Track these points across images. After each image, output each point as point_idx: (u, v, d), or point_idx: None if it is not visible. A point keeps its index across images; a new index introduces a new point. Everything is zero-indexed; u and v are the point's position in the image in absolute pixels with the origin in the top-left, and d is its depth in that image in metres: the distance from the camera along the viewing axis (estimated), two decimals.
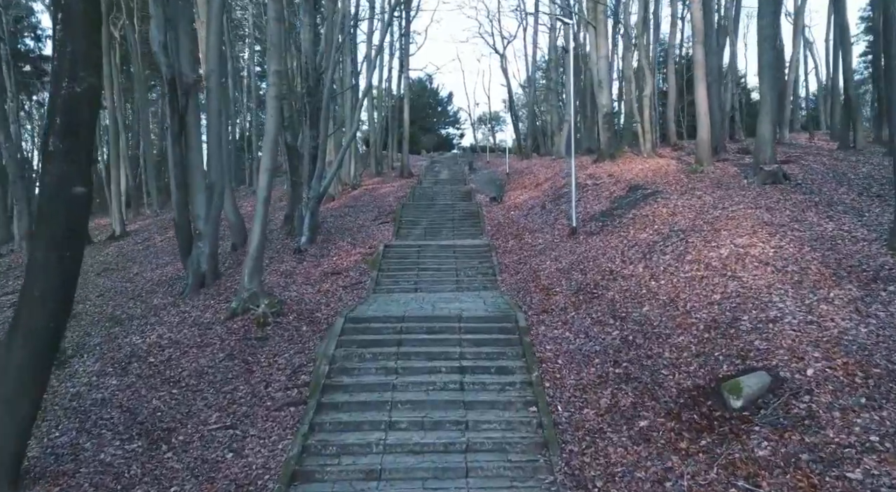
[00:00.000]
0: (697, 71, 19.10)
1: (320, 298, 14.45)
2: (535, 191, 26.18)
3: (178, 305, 14.00)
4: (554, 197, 22.80)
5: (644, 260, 13.09)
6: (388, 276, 16.12)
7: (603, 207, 18.45)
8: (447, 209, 24.65)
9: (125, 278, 18.53)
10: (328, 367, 9.79)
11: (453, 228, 21.97)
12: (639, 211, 16.29)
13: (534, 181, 29.55)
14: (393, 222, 22.87)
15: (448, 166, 44.78)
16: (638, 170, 21.94)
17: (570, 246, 16.31)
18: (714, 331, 9.51)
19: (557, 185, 24.87)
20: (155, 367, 10.63)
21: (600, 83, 28.07)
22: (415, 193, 29.86)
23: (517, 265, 16.55)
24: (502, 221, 22.41)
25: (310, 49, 21.29)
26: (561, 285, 13.86)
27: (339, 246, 19.45)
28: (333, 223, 23.59)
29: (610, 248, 14.69)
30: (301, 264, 17.10)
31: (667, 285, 11.62)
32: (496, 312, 12.00)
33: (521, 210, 23.32)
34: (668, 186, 17.77)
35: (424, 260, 17.17)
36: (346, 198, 30.39)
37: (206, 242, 14.90)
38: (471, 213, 23.98)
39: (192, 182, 14.84)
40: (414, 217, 23.59)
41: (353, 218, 24.69)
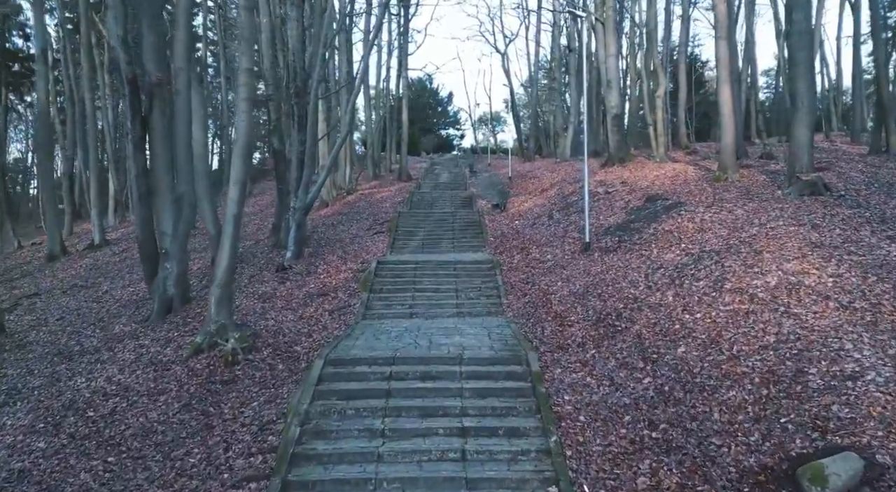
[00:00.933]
0: (721, 70, 17.20)
1: (302, 326, 12.55)
2: (541, 197, 24.28)
3: (138, 336, 12.11)
4: (562, 205, 20.90)
5: (673, 286, 11.20)
6: (380, 298, 14.24)
7: (618, 219, 16.55)
8: (447, 218, 22.77)
9: (92, 297, 16.65)
10: (300, 428, 7.92)
11: (453, 240, 20.08)
12: (660, 225, 14.39)
13: (538, 186, 27.65)
14: (388, 233, 20.98)
15: (448, 168, 42.89)
16: (653, 177, 20.04)
17: (584, 264, 14.42)
18: (774, 386, 7.63)
19: (565, 191, 22.98)
20: (94, 423, 8.74)
21: (609, 83, 26.19)
22: (413, 199, 27.97)
23: (524, 285, 14.66)
24: (506, 231, 20.51)
25: (298, 46, 19.40)
26: (576, 313, 11.97)
27: (327, 261, 17.56)
28: (324, 233, 21.70)
29: (631, 269, 12.79)
30: (284, 285, 15.20)
31: (704, 320, 9.74)
32: (503, 351, 10.11)
33: (527, 219, 21.42)
34: (690, 197, 15.87)
35: (421, 279, 15.29)
36: (340, 204, 28.50)
37: (173, 262, 13.02)
38: (472, 222, 22.10)
39: (158, 194, 12.95)
40: (411, 227, 21.70)
41: (346, 227, 22.80)
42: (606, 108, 26.49)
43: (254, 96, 11.30)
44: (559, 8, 36.91)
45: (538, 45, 41.92)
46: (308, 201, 17.59)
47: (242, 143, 11.11)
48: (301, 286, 15.16)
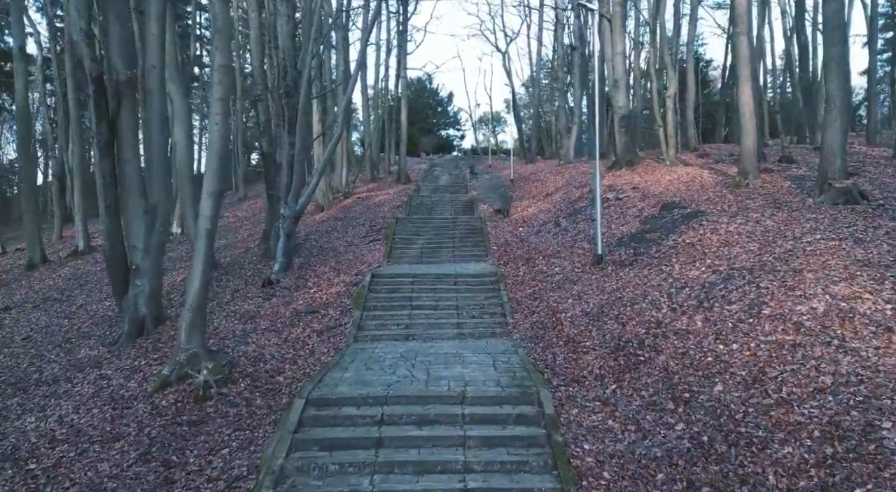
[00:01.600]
0: (741, 67, 15.85)
1: (286, 351, 11.22)
2: (546, 202, 22.94)
3: (102, 363, 10.77)
4: (569, 212, 19.56)
5: (701, 309, 9.87)
6: (374, 317, 12.91)
7: (632, 228, 15.21)
8: (447, 225, 21.42)
9: (65, 312, 15.33)
10: (272, 491, 6.58)
11: (453, 249, 18.74)
12: (680, 237, 13.05)
13: (542, 190, 26.32)
14: (385, 241, 19.65)
15: (448, 170, 41.56)
16: (666, 181, 18.70)
17: (597, 280, 13.08)
18: (840, 443, 6.30)
19: (571, 196, 21.64)
20: (33, 479, 7.41)
21: (616, 82, 24.84)
22: (411, 203, 26.64)
23: (531, 302, 13.33)
24: (510, 239, 19.18)
25: (288, 43, 18.06)
26: (591, 337, 10.64)
27: (319, 273, 16.22)
28: (317, 241, 20.36)
29: (651, 287, 11.45)
30: (269, 301, 13.86)
31: (742, 352, 8.41)
32: (512, 386, 8.77)
33: (531, 226, 20.08)
34: (710, 205, 14.53)
35: (419, 294, 13.95)
36: (336, 208, 27.17)
37: (145, 279, 11.69)
38: (473, 229, 20.75)
39: (128, 204, 11.61)
40: (409, 234, 20.37)
41: (341, 234, 21.46)
42: (613, 109, 25.14)
43: (230, 96, 9.94)
44: (562, 4, 35.57)
45: (540, 44, 40.59)
46: (298, 209, 16.26)
47: (216, 149, 9.77)
48: (288, 303, 13.82)
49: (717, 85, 57.42)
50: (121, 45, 11.30)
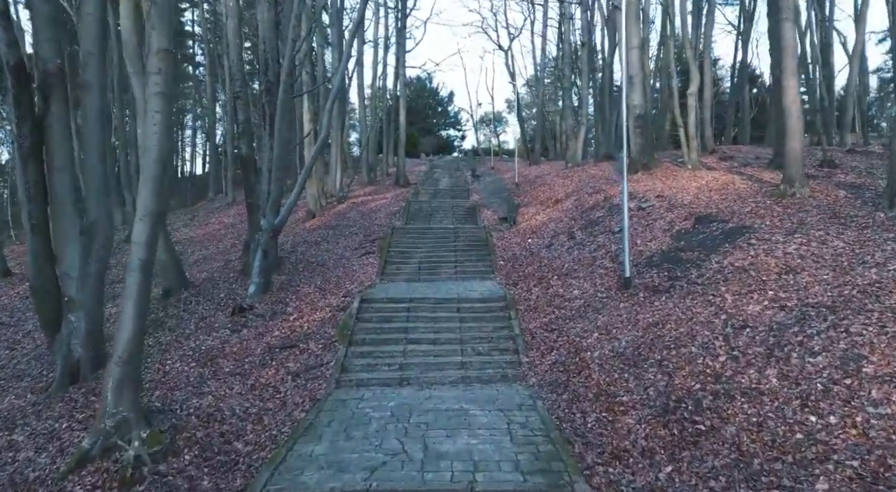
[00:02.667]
0: (787, 59, 13.58)
1: (251, 403, 8.98)
2: (556, 210, 20.70)
3: (15, 425, 8.50)
4: (584, 222, 17.30)
5: (774, 360, 7.61)
6: (361, 353, 10.67)
7: (662, 245, 12.96)
8: (448, 235, 19.17)
9: (8, 341, 13.09)
10: None
11: (455, 264, 16.49)
12: (726, 259, 10.80)
13: (550, 195, 24.06)
14: (380, 253, 17.42)
15: (449, 172, 39.35)
16: (694, 189, 16.44)
17: (627, 309, 10.84)
18: None
19: (584, 204, 19.39)
20: None
21: (631, 79, 22.55)
22: (410, 209, 24.41)
23: (548, 334, 11.10)
24: (518, 253, 16.94)
25: (269, 33, 15.83)
26: (628, 389, 8.40)
27: (301, 294, 13.98)
28: (304, 254, 18.11)
29: (698, 324, 9.20)
30: (239, 333, 11.62)
31: (846, 429, 6.16)
32: (535, 472, 6.53)
33: (541, 238, 17.83)
34: (757, 219, 12.27)
35: (416, 324, 11.72)
36: (329, 215, 24.92)
37: (81, 313, 9.45)
38: (477, 240, 18.50)
39: (59, 222, 9.35)
40: (407, 246, 18.13)
41: (332, 245, 19.22)
42: (628, 108, 22.84)
43: (173, 91, 7.67)
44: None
45: (545, 41, 38.28)
46: (277, 223, 14.02)
47: (155, 156, 7.52)
48: (262, 335, 11.56)
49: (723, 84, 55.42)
50: (49, 26, 9.05)
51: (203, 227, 26.13)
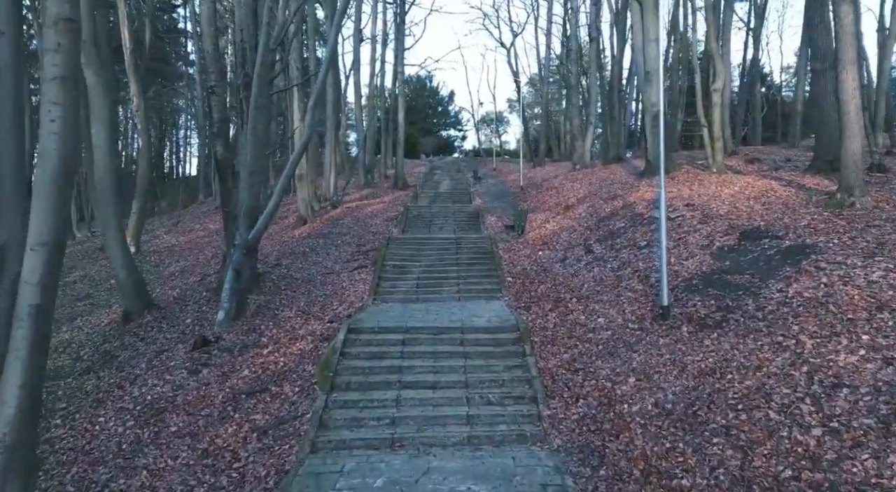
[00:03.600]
0: (844, 48, 11.49)
1: (197, 482, 6.89)
2: (567, 218, 18.62)
3: None
4: (602, 233, 15.23)
5: (892, 439, 5.54)
6: (345, 402, 8.59)
7: (702, 265, 10.88)
8: (449, 246, 17.07)
9: None
10: None
11: (458, 281, 14.40)
12: (792, 286, 8.71)
13: (559, 200, 22.00)
14: (373, 267, 15.35)
15: (449, 174, 37.27)
16: (727, 196, 14.36)
17: (668, 347, 8.76)
18: None
19: (600, 211, 17.31)
20: None
21: (648, 75, 20.52)
22: (408, 215, 22.31)
23: (572, 376, 9.03)
24: (528, 267, 14.86)
25: (248, 20, 13.79)
26: (686, 466, 6.33)
27: (280, 320, 11.91)
28: (289, 268, 16.02)
29: (769, 375, 7.11)
30: (198, 375, 9.53)
31: None
32: None
33: (554, 250, 15.76)
34: (818, 235, 10.18)
35: (412, 362, 9.65)
36: (321, 221, 22.83)
37: None
38: (482, 252, 16.41)
39: None
40: (403, 258, 16.05)
41: (321, 257, 17.14)
42: (644, 106, 20.79)
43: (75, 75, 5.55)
44: None
45: (549, 36, 36.14)
46: (251, 238, 11.94)
47: (52, 168, 5.46)
48: (226, 375, 9.48)
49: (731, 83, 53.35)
50: None
51: (186, 233, 24.06)
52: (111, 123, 12.15)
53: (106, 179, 12.05)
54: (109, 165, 12.11)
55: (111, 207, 12.07)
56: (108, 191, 12.11)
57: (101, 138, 11.96)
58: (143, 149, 19.19)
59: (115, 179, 12.52)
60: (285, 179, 12.26)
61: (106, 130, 12.01)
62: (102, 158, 12.00)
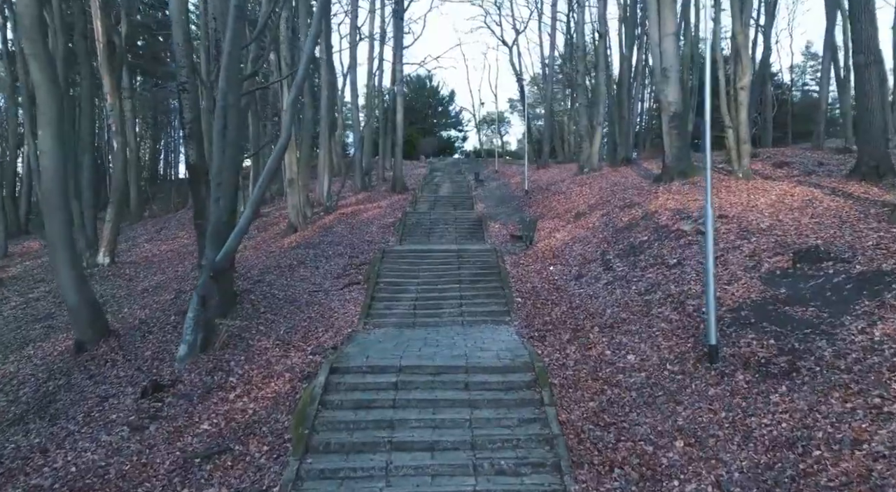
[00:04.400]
0: None
1: None
2: (579, 227, 16.85)
3: None
4: (622, 247, 13.44)
5: None
6: (321, 473, 6.81)
7: (749, 290, 9.09)
8: (450, 260, 15.28)
9: None
10: None
11: (460, 302, 12.62)
12: (875, 326, 6.94)
13: (569, 206, 20.23)
14: (366, 283, 13.58)
15: (450, 176, 35.49)
16: (764, 206, 12.57)
17: (722, 401, 6.97)
18: None
19: (616, 221, 15.53)
20: None
21: (665, 72, 18.73)
22: (406, 223, 20.55)
23: (602, 433, 7.24)
24: (539, 285, 13.08)
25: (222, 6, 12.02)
26: None
27: (255, 351, 10.12)
28: (272, 284, 14.22)
29: (876, 456, 5.32)
30: (142, 433, 7.70)
31: None
32: None
33: (567, 265, 13.98)
34: (892, 257, 8.38)
35: (406, 413, 7.87)
36: (313, 229, 21.05)
37: None
38: (487, 267, 14.62)
39: None
40: (399, 274, 14.27)
41: (309, 271, 15.36)
42: (662, 105, 18.98)
43: None
44: None
45: (554, 33, 34.29)
46: (221, 258, 10.13)
47: None
48: (179, 432, 7.68)
49: None
50: None
51: (168, 242, 22.28)
52: (59, 123, 10.35)
53: (53, 187, 10.27)
54: (58, 172, 10.33)
55: (59, 219, 10.30)
56: (56, 201, 10.33)
57: (48, 141, 10.18)
58: (119, 151, 17.42)
59: (65, 187, 10.75)
60: (260, 190, 10.45)
61: (53, 131, 10.23)
62: (49, 163, 10.21)
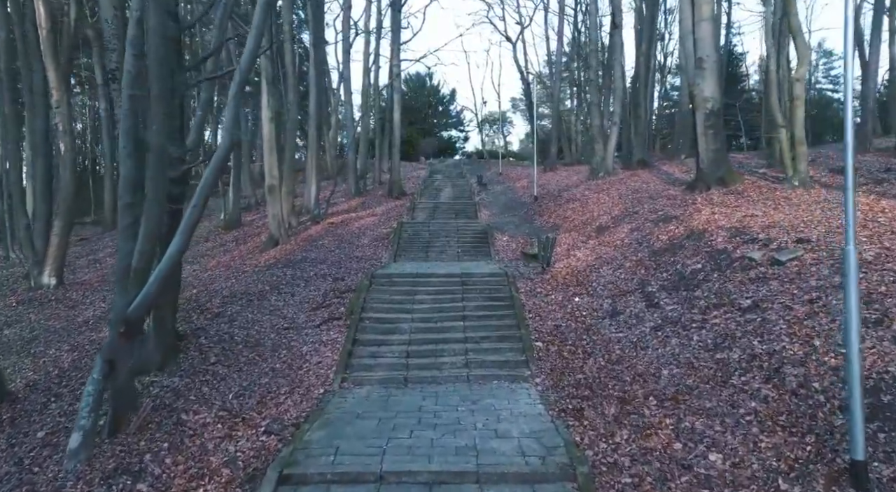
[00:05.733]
0: None
1: None
2: (604, 242, 13.97)
3: None
4: (668, 277, 10.53)
5: None
6: None
7: (887, 359, 6.18)
8: (453, 287, 12.35)
9: None
10: None
11: (465, 347, 9.71)
12: None
13: (587, 216, 17.35)
14: (348, 320, 10.70)
15: (451, 179, 32.60)
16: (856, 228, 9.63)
17: None
18: None
19: (651, 238, 12.63)
20: None
21: (699, 62, 15.82)
22: (401, 236, 17.69)
23: None
24: (564, 325, 10.17)
25: None
26: None
27: (186, 432, 7.22)
28: (233, 321, 11.30)
29: None
30: None
31: None
32: None
33: (596, 296, 11.08)
34: None
35: None
36: (296, 242, 18.17)
37: None
38: (497, 298, 11.69)
39: None
40: (390, 308, 11.38)
41: (283, 299, 12.46)
42: (695, 102, 16.07)
43: None
44: None
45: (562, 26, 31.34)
46: (132, 311, 7.20)
47: None
48: None
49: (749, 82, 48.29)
50: None
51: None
52: None
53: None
54: None
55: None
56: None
57: None
58: (67, 154, 14.60)
59: None
60: (192, 215, 7.53)
61: None
62: None
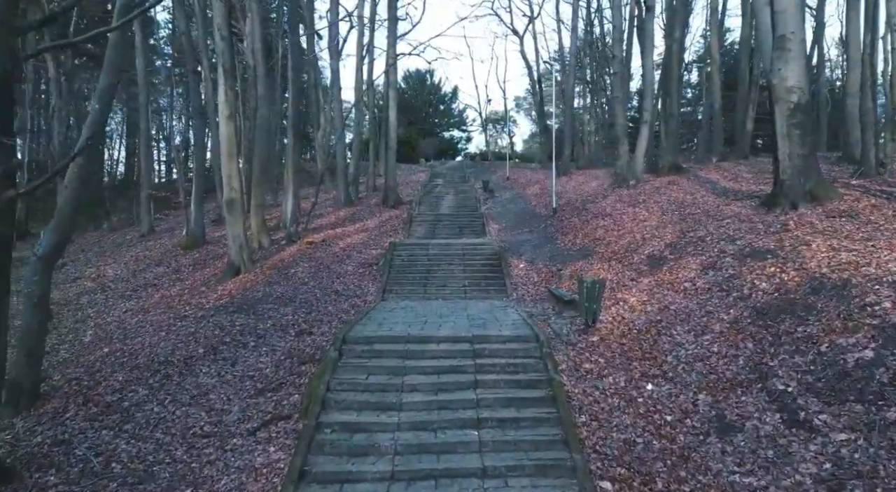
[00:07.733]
0: None
1: None
2: (663, 282, 9.87)
3: None
4: (807, 367, 6.41)
5: None
6: None
7: None
8: (461, 362, 8.15)
9: None
10: None
11: (483, 484, 5.60)
12: None
13: (628, 239, 13.23)
14: (302, 422, 6.61)
15: (454, 184, 28.52)
16: None
17: None
18: None
19: (744, 282, 8.51)
20: None
21: (780, 42, 11.74)
22: (393, 264, 13.61)
23: None
24: (640, 441, 6.07)
25: None
26: None
27: None
28: (122, 419, 7.22)
29: None
30: None
31: None
32: None
33: (678, 381, 6.98)
34: None
35: None
36: (262, 270, 14.09)
37: None
38: (525, 380, 7.54)
39: None
40: (364, 402, 7.25)
41: (213, 379, 8.37)
42: (775, 93, 11.93)
43: None
44: None
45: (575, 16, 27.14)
46: None
47: None
48: None
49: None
50: None
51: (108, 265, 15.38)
52: None
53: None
54: None
55: None
56: None
57: None
58: None
59: None
60: None
61: None
62: None
